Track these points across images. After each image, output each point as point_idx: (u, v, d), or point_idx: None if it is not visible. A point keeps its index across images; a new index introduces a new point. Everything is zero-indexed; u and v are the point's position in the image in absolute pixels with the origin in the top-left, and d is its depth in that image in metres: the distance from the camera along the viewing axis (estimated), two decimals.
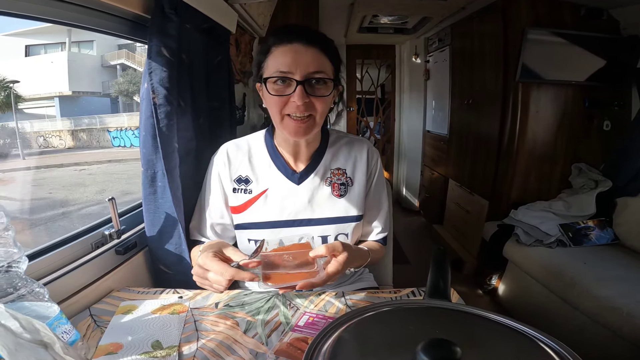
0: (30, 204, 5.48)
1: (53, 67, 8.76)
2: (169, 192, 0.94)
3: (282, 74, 0.80)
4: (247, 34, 1.96)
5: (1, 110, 5.66)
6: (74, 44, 9.32)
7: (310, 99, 0.81)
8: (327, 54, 0.84)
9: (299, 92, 0.79)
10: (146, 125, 0.91)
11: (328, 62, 0.84)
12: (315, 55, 0.81)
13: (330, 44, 0.86)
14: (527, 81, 2.20)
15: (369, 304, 0.82)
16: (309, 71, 0.80)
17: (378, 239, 1.04)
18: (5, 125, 6.88)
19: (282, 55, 0.81)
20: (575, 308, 1.63)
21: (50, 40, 9.02)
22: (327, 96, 0.84)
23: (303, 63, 0.79)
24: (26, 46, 8.68)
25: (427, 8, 2.60)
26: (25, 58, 8.74)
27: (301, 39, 0.81)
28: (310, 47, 0.81)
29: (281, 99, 0.82)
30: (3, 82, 5.81)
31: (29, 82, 8.55)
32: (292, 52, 0.80)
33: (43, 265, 0.79)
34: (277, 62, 0.81)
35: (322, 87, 0.83)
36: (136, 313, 0.80)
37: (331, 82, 0.84)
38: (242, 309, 0.81)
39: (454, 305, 0.63)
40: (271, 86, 0.82)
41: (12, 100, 6.10)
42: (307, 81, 0.80)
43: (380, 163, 1.03)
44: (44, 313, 0.60)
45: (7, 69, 8.36)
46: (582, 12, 2.18)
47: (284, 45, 0.81)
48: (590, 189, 2.13)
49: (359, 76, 4.16)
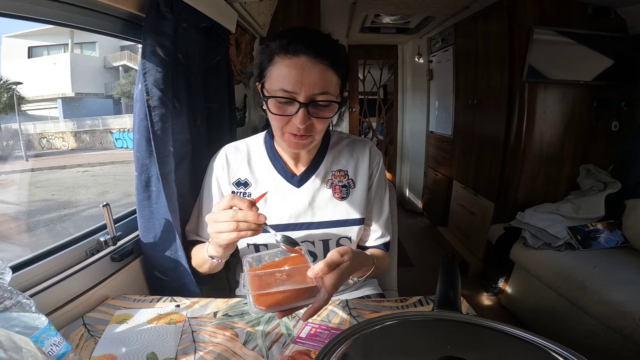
0: (33, 205, 5.49)
1: (56, 68, 8.78)
2: (163, 197, 0.90)
3: (285, 93, 0.74)
4: (247, 34, 1.93)
5: (4, 112, 5.66)
6: (77, 45, 9.33)
7: (312, 120, 0.77)
8: (335, 68, 0.77)
9: (301, 115, 0.74)
10: (140, 128, 0.88)
11: (335, 78, 0.78)
12: (322, 73, 0.74)
13: (340, 53, 0.79)
14: (533, 81, 2.16)
15: (374, 313, 0.79)
16: (314, 92, 0.74)
17: (377, 244, 0.99)
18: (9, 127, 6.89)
19: (287, 71, 0.74)
20: (585, 312, 1.59)
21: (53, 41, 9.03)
22: (329, 117, 0.80)
23: (309, 83, 0.73)
24: (29, 48, 8.70)
25: (430, 7, 2.57)
26: (28, 59, 8.76)
27: (309, 51, 0.73)
28: (318, 62, 0.74)
29: (283, 118, 0.77)
30: (6, 83, 5.81)
31: (31, 83, 8.58)
32: (298, 68, 0.73)
33: (36, 273, 0.76)
34: (281, 79, 0.74)
35: (326, 109, 0.78)
36: (131, 322, 0.77)
37: (335, 103, 0.78)
38: (241, 318, 0.77)
39: (465, 317, 0.59)
40: (273, 103, 0.77)
41: (15, 101, 6.10)
42: (311, 103, 0.75)
43: (382, 164, 0.99)
44: (32, 324, 0.58)
45: (10, 71, 8.39)
46: (589, 10, 2.14)
47: (290, 58, 0.74)
48: (599, 190, 2.09)
49: (361, 77, 4.12)
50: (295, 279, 0.60)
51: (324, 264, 0.62)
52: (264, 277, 0.61)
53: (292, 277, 0.61)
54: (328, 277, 0.62)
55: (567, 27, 2.13)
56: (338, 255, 0.65)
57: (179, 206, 0.98)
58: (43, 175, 6.91)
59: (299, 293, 0.59)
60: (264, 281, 0.60)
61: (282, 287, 0.58)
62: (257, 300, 0.56)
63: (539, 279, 1.89)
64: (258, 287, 0.58)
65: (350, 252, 0.68)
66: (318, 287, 0.60)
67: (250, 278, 0.60)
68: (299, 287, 0.59)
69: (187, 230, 0.99)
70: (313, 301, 0.60)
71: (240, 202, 0.65)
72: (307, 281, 0.60)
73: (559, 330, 1.75)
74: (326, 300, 0.61)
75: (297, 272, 0.62)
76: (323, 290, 0.60)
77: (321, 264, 0.61)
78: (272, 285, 0.59)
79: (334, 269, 0.63)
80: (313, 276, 0.60)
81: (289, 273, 0.61)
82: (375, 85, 4.19)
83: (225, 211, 0.65)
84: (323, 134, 0.84)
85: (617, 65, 2.18)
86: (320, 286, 0.60)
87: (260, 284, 0.59)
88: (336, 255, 0.65)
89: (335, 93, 0.78)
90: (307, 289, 0.60)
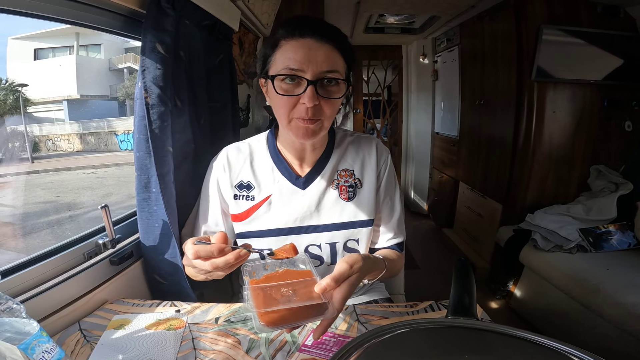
0: (37, 207, 5.53)
1: (61, 70, 8.84)
2: (162, 199, 0.87)
3: (292, 71, 0.72)
4: (250, 33, 1.90)
5: (10, 114, 5.70)
6: (82, 47, 9.38)
7: (320, 102, 0.73)
8: (341, 51, 0.76)
9: (310, 93, 0.71)
10: (139, 127, 0.85)
11: (342, 60, 0.77)
12: (329, 53, 0.73)
13: (345, 39, 0.79)
14: (542, 80, 2.12)
15: (382, 319, 0.75)
16: (322, 70, 0.72)
17: (391, 244, 0.95)
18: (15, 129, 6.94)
19: (293, 51, 0.73)
20: (598, 315, 1.56)
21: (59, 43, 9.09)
22: (339, 98, 0.76)
23: (316, 61, 0.72)
24: (35, 49, 8.76)
25: (435, 7, 2.53)
26: (34, 61, 8.82)
27: (315, 33, 0.73)
28: (324, 42, 0.73)
29: (289, 100, 0.74)
30: (12, 85, 5.85)
31: (37, 85, 8.64)
32: (305, 47, 0.72)
33: (31, 276, 0.74)
34: (287, 58, 0.73)
35: (335, 89, 0.75)
36: (129, 328, 0.74)
37: (344, 82, 0.76)
38: (244, 325, 0.74)
39: (482, 324, 0.56)
40: (279, 84, 0.74)
41: (20, 103, 6.14)
42: (319, 81, 0.73)
43: (390, 161, 0.95)
44: (23, 329, 0.55)
45: (16, 72, 8.44)
46: (599, 9, 2.11)
47: (295, 40, 0.73)
48: (611, 192, 2.04)
49: (365, 77, 4.09)
50: (301, 294, 0.57)
51: (332, 279, 0.58)
52: (269, 292, 0.57)
53: (298, 292, 0.57)
54: (337, 290, 0.59)
55: (576, 26, 2.10)
56: (347, 267, 0.62)
57: (180, 208, 0.94)
58: (48, 177, 6.95)
59: (307, 310, 0.55)
60: (269, 296, 0.56)
61: (288, 305, 0.54)
62: (262, 317, 0.53)
63: (550, 281, 1.85)
64: (263, 303, 0.54)
65: (359, 261, 0.64)
66: (326, 304, 0.57)
67: (254, 292, 0.56)
68: (306, 304, 0.55)
69: (183, 234, 0.96)
70: (321, 318, 0.57)
71: (204, 252, 0.58)
72: (314, 297, 0.57)
73: (571, 333, 1.71)
74: (336, 316, 0.58)
75: (303, 286, 0.58)
76: (331, 307, 0.57)
77: (328, 279, 0.58)
78: (277, 302, 0.55)
79: (342, 282, 0.60)
80: (320, 292, 0.57)
81: (294, 288, 0.58)
82: (380, 86, 4.15)
83: (204, 263, 0.59)
84: (331, 121, 0.80)
85: (628, 65, 2.15)
86: (328, 302, 0.57)
87: (265, 299, 0.55)
88: (345, 266, 0.61)
89: (343, 75, 0.77)
90: (315, 306, 0.56)
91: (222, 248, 0.58)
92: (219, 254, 0.58)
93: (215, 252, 0.58)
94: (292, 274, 0.62)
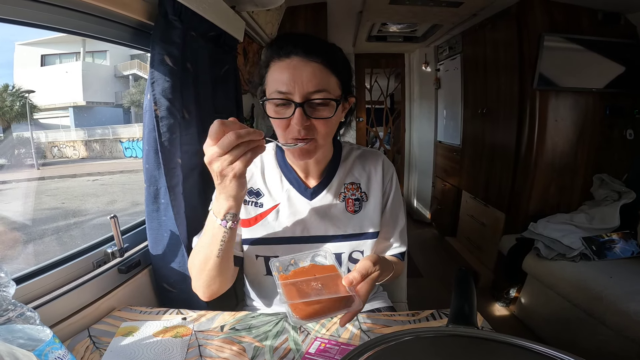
0: (43, 213, 5.55)
1: (68, 77, 8.90)
2: (172, 209, 0.89)
3: (280, 94, 0.73)
4: (254, 42, 1.94)
5: (17, 120, 5.74)
6: (88, 54, 9.43)
7: (312, 121, 0.74)
8: (331, 67, 0.75)
9: (298, 115, 0.72)
10: (149, 139, 0.87)
11: (332, 77, 0.75)
12: (316, 71, 0.73)
13: (335, 54, 0.78)
14: (544, 89, 2.13)
15: (385, 328, 0.77)
16: (308, 90, 0.72)
17: (395, 253, 0.97)
18: (21, 135, 6.99)
19: (280, 72, 0.73)
20: (601, 322, 1.57)
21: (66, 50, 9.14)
22: (330, 118, 0.76)
23: (301, 81, 0.71)
24: (42, 56, 8.83)
25: (437, 15, 2.56)
26: (40, 68, 8.88)
27: (298, 50, 0.73)
28: (310, 61, 0.73)
29: (282, 122, 0.75)
30: (19, 91, 5.90)
31: (44, 92, 8.69)
32: (290, 68, 0.72)
33: (42, 284, 0.76)
34: (275, 80, 0.74)
35: (324, 109, 0.74)
36: (137, 335, 0.75)
37: (334, 102, 0.75)
38: (249, 332, 0.75)
39: (482, 333, 0.57)
40: (271, 107, 0.76)
41: (27, 110, 6.19)
42: (307, 102, 0.72)
43: (396, 177, 0.97)
44: (37, 336, 0.56)
45: (23, 78, 8.52)
46: (599, 17, 2.13)
47: (282, 60, 0.74)
48: (613, 200, 2.04)
49: (368, 86, 4.11)
50: (329, 288, 0.61)
51: (358, 273, 0.64)
52: (300, 286, 0.61)
53: (326, 286, 0.62)
54: (362, 285, 0.64)
55: (578, 33, 2.11)
56: (371, 264, 0.67)
57: (188, 218, 0.96)
58: (54, 183, 6.99)
59: (336, 302, 0.60)
60: (301, 291, 0.60)
61: (319, 297, 0.59)
62: (296, 311, 0.57)
63: (554, 289, 1.85)
64: (296, 297, 0.58)
65: (380, 261, 0.69)
66: (353, 297, 0.61)
67: (285, 288, 0.60)
68: (336, 296, 0.60)
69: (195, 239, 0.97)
70: (348, 310, 0.61)
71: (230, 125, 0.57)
72: (341, 290, 0.62)
73: (574, 340, 1.72)
74: (361, 308, 0.62)
75: (330, 280, 0.63)
76: (358, 299, 0.61)
77: (355, 274, 0.63)
78: (308, 295, 0.59)
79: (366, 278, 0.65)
80: (348, 285, 0.62)
81: (322, 282, 0.62)
82: (382, 94, 4.17)
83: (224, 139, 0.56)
84: (328, 138, 0.81)
85: (629, 72, 2.16)
86: (354, 295, 0.62)
87: (298, 293, 0.59)
88: (369, 264, 0.66)
89: (335, 93, 0.76)
90: (343, 299, 0.61)
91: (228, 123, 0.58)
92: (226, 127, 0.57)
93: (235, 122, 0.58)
94: (318, 268, 0.67)
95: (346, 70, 0.81)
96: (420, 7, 2.30)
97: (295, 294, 0.59)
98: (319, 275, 0.64)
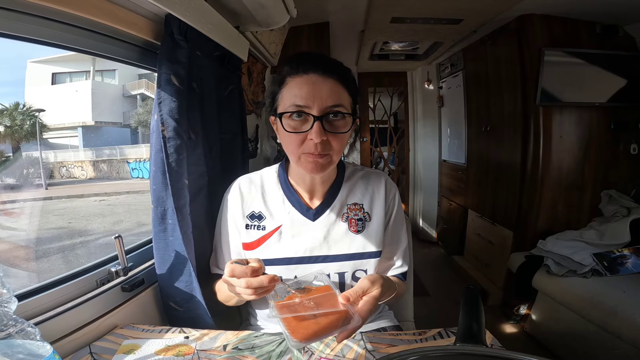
0: (50, 232, 5.59)
1: (77, 96, 9.04)
2: (179, 230, 0.89)
3: (298, 107, 0.74)
4: (259, 62, 1.97)
5: (26, 140, 5.81)
6: (98, 72, 9.57)
7: (328, 137, 0.76)
8: (345, 84, 0.78)
9: (317, 128, 0.73)
10: (156, 160, 0.88)
11: (346, 94, 0.79)
12: (334, 87, 0.76)
13: (348, 73, 0.81)
14: (547, 104, 2.14)
15: (390, 347, 0.74)
16: (327, 105, 0.74)
17: (396, 273, 0.97)
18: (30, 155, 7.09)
19: (298, 87, 0.76)
20: (617, 337, 1.54)
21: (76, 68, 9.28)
22: (346, 132, 0.78)
23: (320, 96, 0.74)
24: (53, 74, 8.98)
25: (438, 33, 2.59)
26: (51, 86, 9.01)
27: (317, 69, 0.76)
28: (327, 77, 0.76)
29: (298, 137, 0.76)
30: (29, 110, 5.98)
31: (54, 111, 8.80)
32: (309, 83, 0.75)
33: (45, 301, 0.75)
34: (293, 95, 0.76)
35: (341, 123, 0.77)
36: (139, 353, 0.74)
37: (350, 116, 0.78)
38: (252, 352, 0.74)
39: (491, 351, 0.55)
40: (287, 122, 0.77)
41: (37, 129, 6.27)
42: (325, 116, 0.74)
43: (398, 197, 0.97)
44: (37, 352, 0.56)
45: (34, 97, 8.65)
46: (598, 29, 2.14)
47: (300, 76, 0.76)
48: (623, 216, 2.02)
49: (371, 105, 4.12)
50: (324, 306, 0.61)
51: (354, 290, 0.64)
52: (294, 308, 0.61)
53: (321, 305, 0.61)
54: (363, 304, 0.64)
55: (577, 47, 2.13)
56: (368, 283, 0.67)
57: (196, 238, 0.96)
58: (61, 203, 7.06)
59: (334, 322, 0.59)
60: (296, 312, 0.60)
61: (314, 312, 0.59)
62: (294, 334, 0.56)
63: (566, 305, 1.82)
64: (292, 319, 0.59)
65: (380, 280, 0.69)
66: (351, 314, 0.61)
67: (281, 311, 0.60)
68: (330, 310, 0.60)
69: (210, 263, 0.99)
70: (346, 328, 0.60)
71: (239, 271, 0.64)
72: (336, 307, 0.61)
73: (591, 355, 1.69)
74: (361, 325, 0.61)
75: (325, 299, 0.63)
76: (357, 316, 0.61)
77: (351, 291, 0.64)
78: (305, 317, 0.59)
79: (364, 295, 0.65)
80: (345, 302, 0.62)
81: (317, 301, 0.62)
82: (386, 113, 4.16)
83: (239, 280, 0.64)
84: (340, 155, 0.82)
85: (631, 85, 2.15)
86: (353, 312, 0.61)
87: (292, 313, 0.60)
88: (366, 282, 0.67)
89: (349, 109, 0.79)
90: (341, 317, 0.60)
91: (256, 269, 0.63)
92: (253, 274, 0.63)
93: (249, 273, 0.63)
94: (313, 290, 0.67)
95: (355, 89, 0.84)
96: (421, 25, 2.34)
97: (291, 317, 0.59)
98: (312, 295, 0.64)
